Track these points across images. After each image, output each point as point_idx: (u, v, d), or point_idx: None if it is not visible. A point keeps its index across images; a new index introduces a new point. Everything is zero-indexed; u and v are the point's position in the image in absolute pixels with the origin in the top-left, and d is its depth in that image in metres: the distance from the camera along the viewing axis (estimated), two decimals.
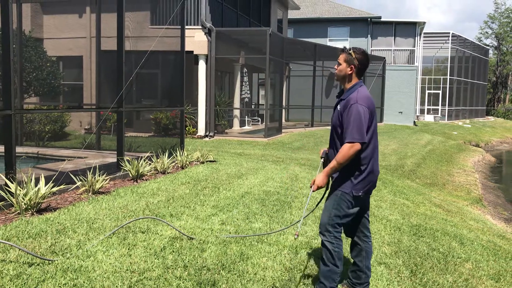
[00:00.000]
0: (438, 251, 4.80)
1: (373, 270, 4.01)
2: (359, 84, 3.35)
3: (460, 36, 34.85)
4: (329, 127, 3.69)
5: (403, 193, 8.61)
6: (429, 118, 34.03)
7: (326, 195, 3.50)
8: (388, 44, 30.66)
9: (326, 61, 23.29)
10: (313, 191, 3.36)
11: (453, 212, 8.05)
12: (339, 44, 27.63)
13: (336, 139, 3.38)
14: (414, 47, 30.32)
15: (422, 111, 34.90)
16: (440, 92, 34.66)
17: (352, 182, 3.29)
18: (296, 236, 3.23)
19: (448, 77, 33.80)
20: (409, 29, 30.58)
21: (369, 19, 30.55)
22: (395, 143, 17.22)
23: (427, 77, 35.57)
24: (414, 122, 28.37)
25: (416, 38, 30.49)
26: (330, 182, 3.44)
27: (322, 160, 3.63)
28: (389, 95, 27.23)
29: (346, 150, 3.17)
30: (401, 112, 27.79)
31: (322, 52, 21.17)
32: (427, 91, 35.34)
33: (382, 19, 30.56)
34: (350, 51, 3.35)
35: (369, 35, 30.63)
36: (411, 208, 7.21)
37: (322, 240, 3.34)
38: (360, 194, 3.30)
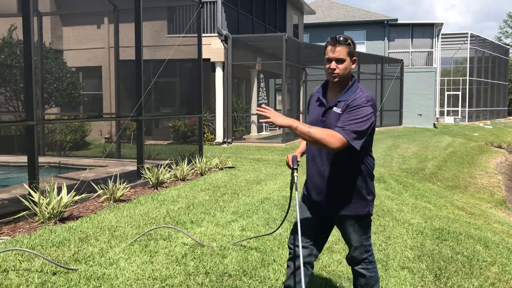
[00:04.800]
0: (463, 255, 4.72)
1: (396, 275, 3.96)
2: (356, 81, 2.80)
3: (479, 36, 34.38)
4: None
5: (425, 196, 8.50)
6: (449, 120, 33.58)
7: (297, 198, 2.83)
8: (405, 46, 30.40)
9: None
10: (264, 121, 2.56)
11: (477, 215, 7.91)
12: (356, 48, 27.49)
13: (325, 151, 2.78)
14: (432, 48, 30.01)
15: (441, 113, 34.47)
16: (460, 93, 34.19)
17: (368, 198, 2.84)
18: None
19: (468, 78, 33.33)
20: (427, 30, 30.29)
21: (385, 21, 30.37)
22: (415, 145, 17.02)
23: (446, 78, 35.15)
24: (434, 124, 28.02)
25: (434, 39, 30.17)
26: (296, 181, 2.82)
27: (296, 171, 2.84)
28: (408, 97, 26.96)
29: (333, 137, 2.53)
30: (421, 115, 27.47)
31: None
32: (446, 93, 34.90)
33: (398, 21, 30.34)
34: (349, 41, 2.71)
35: (386, 38, 30.43)
36: (433, 211, 7.11)
37: (356, 270, 2.97)
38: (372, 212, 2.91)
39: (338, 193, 2.81)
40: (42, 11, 12.19)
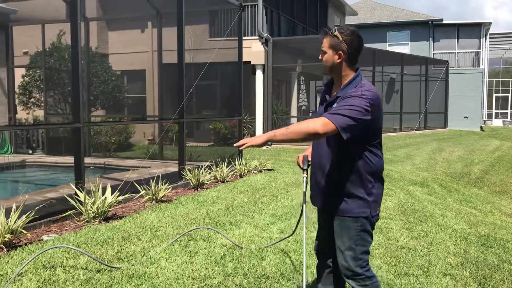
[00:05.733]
0: (510, 263, 4.54)
1: (438, 281, 3.87)
2: (359, 77, 2.61)
3: None
4: (390, 133, 2.70)
5: (470, 202, 8.23)
6: (497, 122, 32.40)
7: (304, 199, 2.80)
8: (451, 47, 29.55)
9: (386, 66, 22.83)
10: (239, 146, 2.48)
11: None
12: (399, 49, 27.01)
13: (334, 147, 2.63)
14: (479, 49, 29.04)
15: (489, 116, 33.31)
16: (509, 95, 32.95)
17: (366, 200, 2.61)
18: None
19: None
20: (474, 30, 29.34)
21: (430, 22, 29.62)
22: (461, 149, 16.52)
23: (494, 79, 33.95)
24: (481, 127, 27.09)
25: (482, 39, 29.18)
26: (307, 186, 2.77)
27: (305, 172, 2.80)
28: (453, 99, 26.18)
29: (314, 122, 2.39)
30: (467, 117, 26.63)
31: (381, 57, 20.77)
32: (494, 95, 33.72)
33: (444, 22, 29.54)
34: (335, 33, 2.57)
35: (430, 38, 29.68)
36: (478, 218, 6.88)
37: (349, 284, 2.70)
38: (377, 213, 2.65)
39: (332, 190, 2.66)
40: (89, 17, 12.64)
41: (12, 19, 11.99)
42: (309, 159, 2.82)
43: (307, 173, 2.78)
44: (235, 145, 2.52)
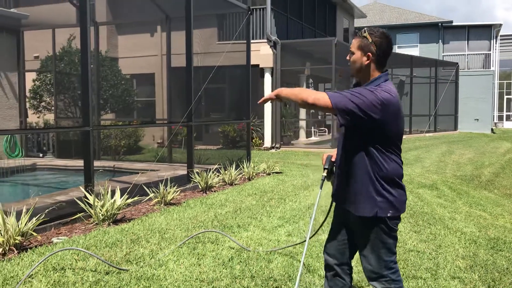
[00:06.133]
0: None
1: (446, 284, 3.85)
2: (383, 78, 2.56)
3: None
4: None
5: (480, 205, 8.17)
6: (508, 124, 32.12)
7: (318, 198, 2.82)
8: (461, 49, 29.37)
9: (395, 68, 22.74)
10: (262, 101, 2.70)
11: None
12: (408, 51, 26.88)
13: (347, 144, 2.61)
14: (490, 50, 28.83)
15: (500, 118, 33.02)
16: None
17: (374, 199, 2.52)
18: None
19: None
20: (484, 32, 29.13)
21: (439, 24, 29.46)
22: (471, 152, 16.40)
23: (505, 81, 33.66)
24: (492, 129, 26.86)
25: (492, 41, 28.97)
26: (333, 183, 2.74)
27: (325, 172, 2.77)
28: (464, 101, 26.02)
29: (319, 96, 2.39)
30: (477, 119, 26.43)
31: (390, 60, 20.18)
32: (505, 97, 33.43)
33: (453, 23, 29.37)
34: (364, 34, 2.54)
35: (440, 40, 29.52)
36: (488, 220, 6.83)
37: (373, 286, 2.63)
38: (395, 214, 2.55)
39: (346, 187, 2.62)
40: (98, 21, 12.75)
41: (24, 24, 12.14)
42: (333, 159, 2.79)
43: (326, 172, 2.75)
44: (258, 102, 2.75)
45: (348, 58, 2.62)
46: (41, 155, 12.33)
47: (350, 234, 2.76)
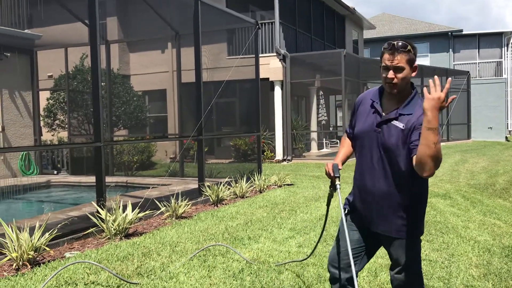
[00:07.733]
0: None
1: None
2: (418, 94, 2.58)
3: None
4: None
5: (494, 213, 8.07)
6: None
7: (341, 208, 2.78)
8: (472, 58, 29.21)
9: None
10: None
11: None
12: (419, 61, 26.73)
13: (387, 164, 2.53)
14: (501, 58, 28.61)
15: None
16: None
17: (421, 221, 2.65)
18: None
19: None
20: (495, 40, 28.97)
21: (449, 33, 29.39)
22: (485, 160, 16.22)
23: None
24: (506, 137, 26.55)
25: (503, 49, 28.78)
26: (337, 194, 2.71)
27: (337, 181, 2.73)
28: (476, 110, 25.79)
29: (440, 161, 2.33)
30: (491, 128, 26.16)
31: None
32: None
33: (464, 32, 29.27)
34: (409, 48, 2.48)
35: (450, 50, 29.42)
36: (503, 229, 6.74)
37: None
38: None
39: (396, 213, 2.59)
40: (110, 39, 12.97)
41: (37, 44, 12.40)
42: (340, 167, 2.77)
43: (339, 181, 2.73)
44: (430, 81, 2.44)
45: (392, 75, 2.47)
46: (55, 172, 12.48)
47: (368, 249, 2.78)
